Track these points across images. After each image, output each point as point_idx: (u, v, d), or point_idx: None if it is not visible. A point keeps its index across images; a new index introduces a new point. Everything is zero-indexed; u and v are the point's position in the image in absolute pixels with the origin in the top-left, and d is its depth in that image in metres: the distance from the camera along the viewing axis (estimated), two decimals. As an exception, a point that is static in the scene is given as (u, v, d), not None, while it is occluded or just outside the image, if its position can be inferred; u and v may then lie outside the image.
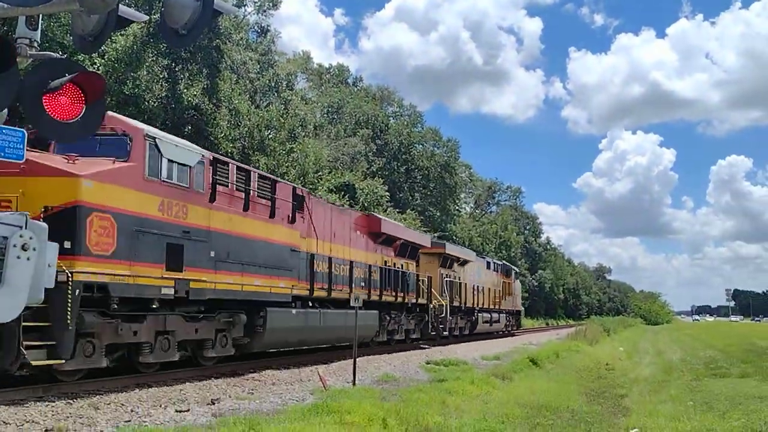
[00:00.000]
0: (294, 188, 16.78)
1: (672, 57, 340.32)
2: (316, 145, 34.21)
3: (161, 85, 21.55)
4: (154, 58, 21.43)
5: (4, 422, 8.08)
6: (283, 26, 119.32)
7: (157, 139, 11.81)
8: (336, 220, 19.15)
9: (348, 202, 34.40)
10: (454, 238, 55.32)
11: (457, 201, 66.43)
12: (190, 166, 12.47)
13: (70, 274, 9.69)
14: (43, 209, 9.72)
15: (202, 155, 13.03)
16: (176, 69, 22.80)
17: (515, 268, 50.03)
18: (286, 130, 29.21)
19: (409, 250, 24.49)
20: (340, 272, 18.80)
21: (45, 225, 4.75)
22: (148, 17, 17.25)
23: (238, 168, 14.28)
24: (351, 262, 19.45)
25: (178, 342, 12.49)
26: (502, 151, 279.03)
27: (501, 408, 11.54)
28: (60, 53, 13.14)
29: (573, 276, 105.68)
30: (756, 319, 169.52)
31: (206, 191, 12.85)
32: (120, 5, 5.01)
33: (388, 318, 22.31)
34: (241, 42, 28.83)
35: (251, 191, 14.26)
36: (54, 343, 9.71)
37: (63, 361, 9.92)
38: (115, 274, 10.71)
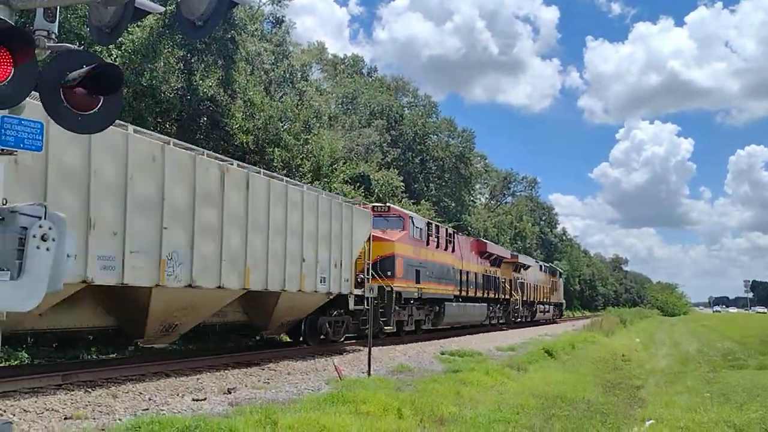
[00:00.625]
0: (453, 231, 29.26)
1: (690, 45, 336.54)
2: (330, 136, 34.20)
3: (177, 76, 21.61)
4: (170, 50, 21.48)
5: (24, 410, 8.20)
6: (298, 16, 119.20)
7: (413, 218, 23.54)
8: (464, 245, 30.23)
9: (363, 194, 34.38)
10: (469, 229, 55.16)
11: (472, 192, 66.13)
12: (421, 228, 24.03)
13: (392, 287, 20.50)
14: (379, 256, 20.48)
15: (424, 222, 24.93)
16: (192, 60, 22.85)
17: (560, 269, 61.90)
18: (301, 122, 29.20)
19: (497, 261, 35.39)
20: (469, 279, 29.79)
21: (64, 216, 4.79)
22: (164, 8, 17.23)
23: (428, 223, 25.26)
24: (476, 273, 31.14)
25: (414, 321, 23.33)
26: (518, 142, 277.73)
27: (516, 399, 11.53)
28: (77, 45, 13.19)
29: (589, 267, 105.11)
30: None
31: (424, 240, 24.22)
32: (136, -4, 5.02)
33: (490, 308, 33.55)
34: (255, 33, 28.83)
35: (435, 235, 25.54)
36: (386, 319, 20.34)
37: (391, 328, 20.67)
38: (402, 287, 21.61)
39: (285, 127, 26.60)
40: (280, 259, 14.47)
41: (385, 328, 20.29)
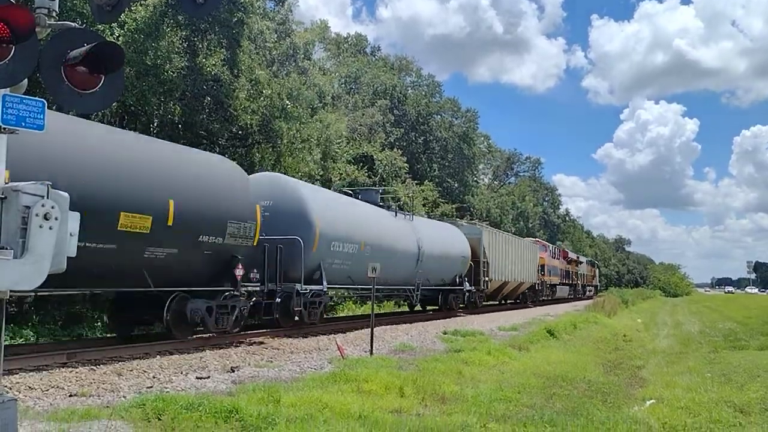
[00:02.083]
0: (556, 247, 56.73)
1: (697, 24, 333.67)
2: (334, 117, 34.06)
3: (180, 56, 21.45)
4: (173, 29, 21.30)
5: (30, 387, 8.28)
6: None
7: (548, 245, 52.21)
8: (559, 253, 54.20)
9: (366, 174, 34.33)
10: (472, 209, 55.13)
11: (475, 172, 65.98)
12: (549, 249, 50.56)
13: (543, 280, 45.68)
14: (540, 266, 43.84)
15: (551, 245, 54.74)
16: (195, 40, 22.66)
17: (597, 262, 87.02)
18: (305, 101, 29.02)
19: (570, 261, 58.05)
20: (562, 273, 53.60)
21: (66, 195, 4.80)
22: (165, -13, 17.08)
23: (552, 246, 53.65)
24: (564, 270, 54.45)
25: (545, 295, 47.88)
26: (522, 122, 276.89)
27: (517, 378, 11.60)
28: (79, 23, 13.13)
29: (592, 248, 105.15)
30: None
31: (551, 255, 50.27)
32: (137, -26, 5.00)
33: (570, 289, 57.51)
34: (258, 11, 28.55)
35: (552, 251, 51.85)
36: (541, 293, 46.25)
37: (545, 297, 48.48)
38: (546, 279, 47.13)
39: (290, 105, 26.35)
40: (522, 269, 36.75)
41: (542, 298, 45.04)
